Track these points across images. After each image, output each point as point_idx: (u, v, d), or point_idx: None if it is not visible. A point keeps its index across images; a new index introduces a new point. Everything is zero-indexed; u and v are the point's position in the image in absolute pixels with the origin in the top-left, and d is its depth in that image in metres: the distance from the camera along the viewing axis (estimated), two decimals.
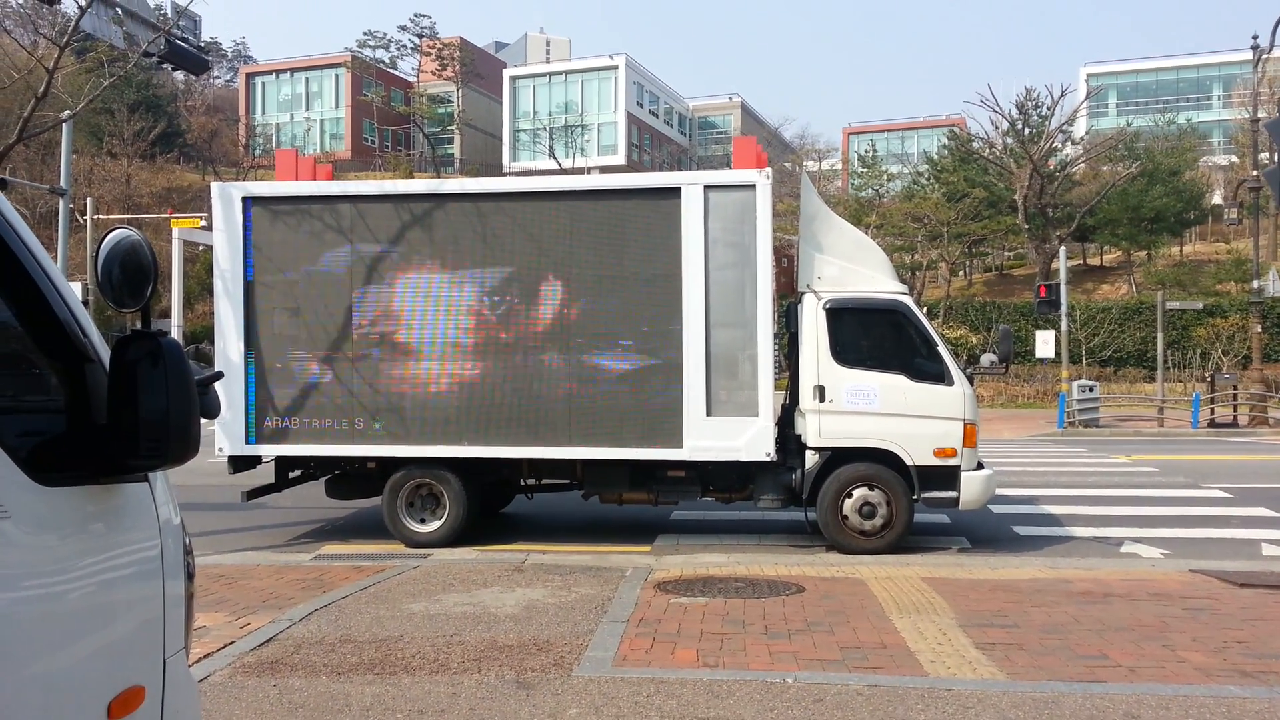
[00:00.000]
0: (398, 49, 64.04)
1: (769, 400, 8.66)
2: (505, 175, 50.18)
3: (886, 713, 4.58)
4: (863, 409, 8.75)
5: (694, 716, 4.55)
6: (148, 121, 47.11)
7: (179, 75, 58.03)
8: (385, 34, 65.99)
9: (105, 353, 2.23)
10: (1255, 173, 25.91)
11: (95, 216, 31.90)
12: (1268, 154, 27.98)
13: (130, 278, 2.28)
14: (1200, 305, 30.56)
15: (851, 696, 4.80)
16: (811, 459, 8.86)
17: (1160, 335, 26.28)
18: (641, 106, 65.19)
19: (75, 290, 2.37)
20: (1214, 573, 7.77)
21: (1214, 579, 7.56)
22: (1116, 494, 12.54)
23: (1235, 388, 24.52)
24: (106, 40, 12.78)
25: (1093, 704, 4.69)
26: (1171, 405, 25.07)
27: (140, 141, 46.44)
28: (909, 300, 9.08)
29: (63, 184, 17.09)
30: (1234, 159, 47.75)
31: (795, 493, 8.97)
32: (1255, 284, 25.69)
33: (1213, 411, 23.85)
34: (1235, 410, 24.15)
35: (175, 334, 10.05)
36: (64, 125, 16.54)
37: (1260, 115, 28.00)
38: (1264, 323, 27.02)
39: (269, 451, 9.27)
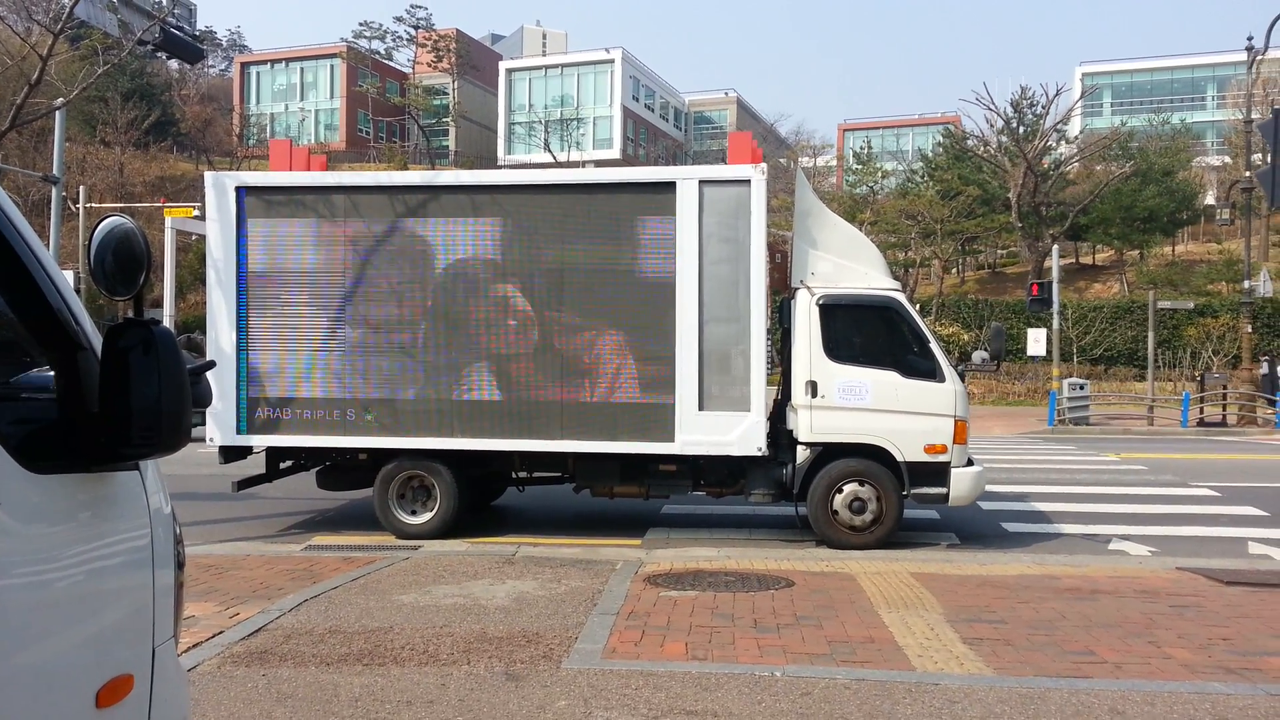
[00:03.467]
0: (393, 40, 63.77)
1: (761, 395, 8.68)
2: (500, 168, 50.07)
3: (874, 707, 4.61)
4: (854, 405, 8.78)
5: (682, 709, 4.57)
6: (141, 110, 46.76)
7: (173, 64, 57.88)
8: (381, 25, 65.90)
9: (98, 341, 2.23)
10: (1248, 173, 26.04)
11: (88, 205, 31.75)
12: (1260, 155, 28.08)
13: (123, 266, 2.28)
14: (1191, 305, 30.67)
15: (839, 690, 4.83)
16: (803, 454, 8.89)
17: (1151, 334, 26.40)
18: (637, 101, 65.07)
19: (68, 278, 2.36)
20: (1201, 570, 7.83)
21: (1201, 577, 7.61)
22: (1105, 491, 12.60)
23: (1225, 387, 24.64)
24: (101, 27, 12.76)
25: (1078, 699, 4.73)
26: (1161, 404, 25.18)
27: (134, 130, 46.12)
28: (902, 297, 9.10)
29: (55, 172, 17.04)
30: (1227, 160, 47.82)
31: (786, 487, 9.00)
32: (1246, 284, 25.82)
33: (1202, 411, 23.96)
34: (1225, 409, 24.28)
35: (167, 323, 10.00)
36: (57, 113, 16.49)
37: (1254, 116, 28.10)
38: (1254, 323, 27.18)
39: (260, 442, 9.27)
